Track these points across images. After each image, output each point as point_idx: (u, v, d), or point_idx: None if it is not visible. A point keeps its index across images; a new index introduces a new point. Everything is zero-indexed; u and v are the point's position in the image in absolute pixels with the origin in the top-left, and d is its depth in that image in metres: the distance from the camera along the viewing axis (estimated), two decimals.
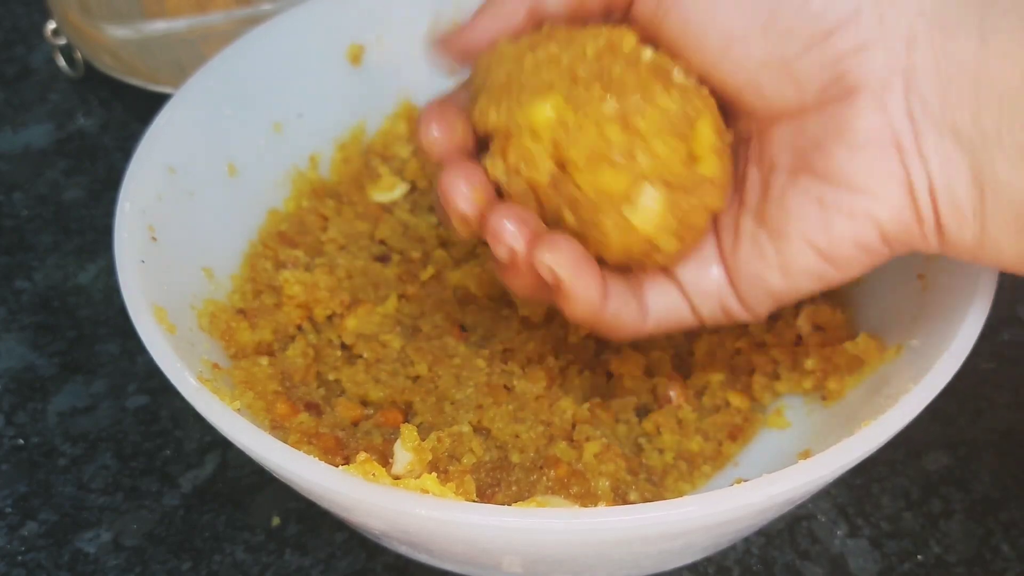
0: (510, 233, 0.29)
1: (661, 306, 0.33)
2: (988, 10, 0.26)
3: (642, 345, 0.41)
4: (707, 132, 0.29)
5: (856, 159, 0.28)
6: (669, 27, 0.29)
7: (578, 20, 0.31)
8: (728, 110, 0.31)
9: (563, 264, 0.29)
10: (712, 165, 0.30)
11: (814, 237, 0.30)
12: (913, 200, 0.28)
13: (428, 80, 0.35)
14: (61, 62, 0.62)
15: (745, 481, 0.27)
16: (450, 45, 0.32)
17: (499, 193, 0.31)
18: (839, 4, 0.27)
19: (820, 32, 0.27)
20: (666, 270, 0.33)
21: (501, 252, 0.30)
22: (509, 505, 0.27)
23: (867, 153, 0.28)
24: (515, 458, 0.36)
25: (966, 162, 0.27)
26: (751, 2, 0.28)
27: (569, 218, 0.30)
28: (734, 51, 0.29)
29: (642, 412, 0.40)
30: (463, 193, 0.30)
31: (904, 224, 0.28)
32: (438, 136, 0.31)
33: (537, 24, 0.32)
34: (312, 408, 0.37)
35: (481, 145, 0.32)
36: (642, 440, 0.39)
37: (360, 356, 0.41)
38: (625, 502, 0.35)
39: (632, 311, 0.32)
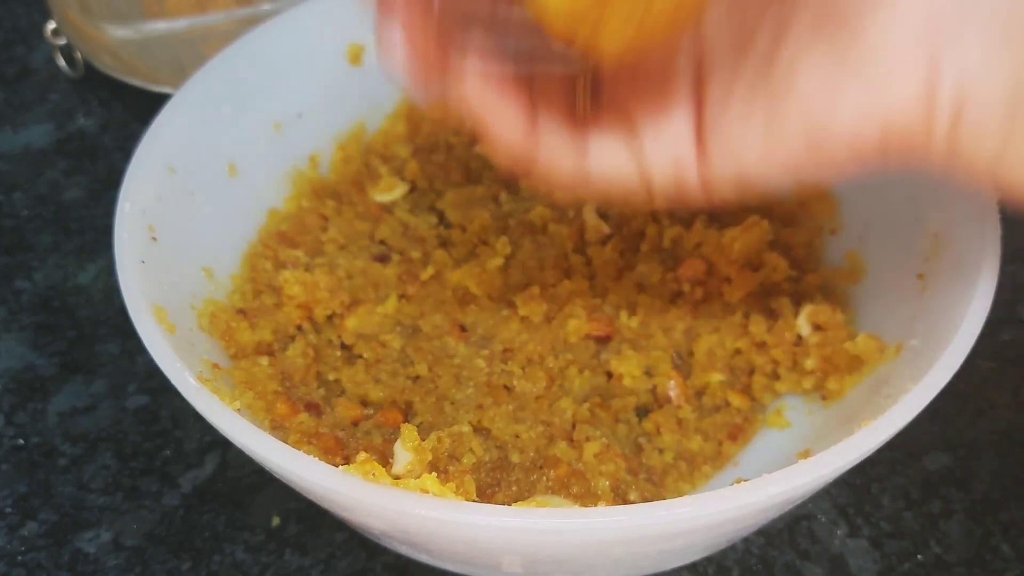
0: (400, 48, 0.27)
1: (606, 161, 0.29)
2: None
3: (642, 345, 0.41)
4: None
5: (886, 23, 0.25)
6: None
7: None
8: None
9: (476, 100, 0.27)
10: None
11: (813, 114, 0.26)
12: (932, 92, 0.25)
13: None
14: (61, 62, 0.62)
15: (745, 481, 0.27)
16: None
17: None
18: None
19: None
20: (617, 121, 0.29)
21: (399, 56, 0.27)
22: (509, 505, 0.27)
23: (900, 21, 0.25)
24: (515, 458, 0.36)
25: (1007, 64, 0.24)
26: None
27: None
28: None
29: (642, 412, 0.40)
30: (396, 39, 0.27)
31: (914, 118, 0.25)
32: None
33: None
34: (312, 408, 0.37)
35: None
36: (642, 440, 0.39)
37: (360, 356, 0.41)
38: (625, 502, 0.35)
39: (569, 160, 0.29)
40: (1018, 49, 0.24)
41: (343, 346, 0.41)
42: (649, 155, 0.29)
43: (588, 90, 0.30)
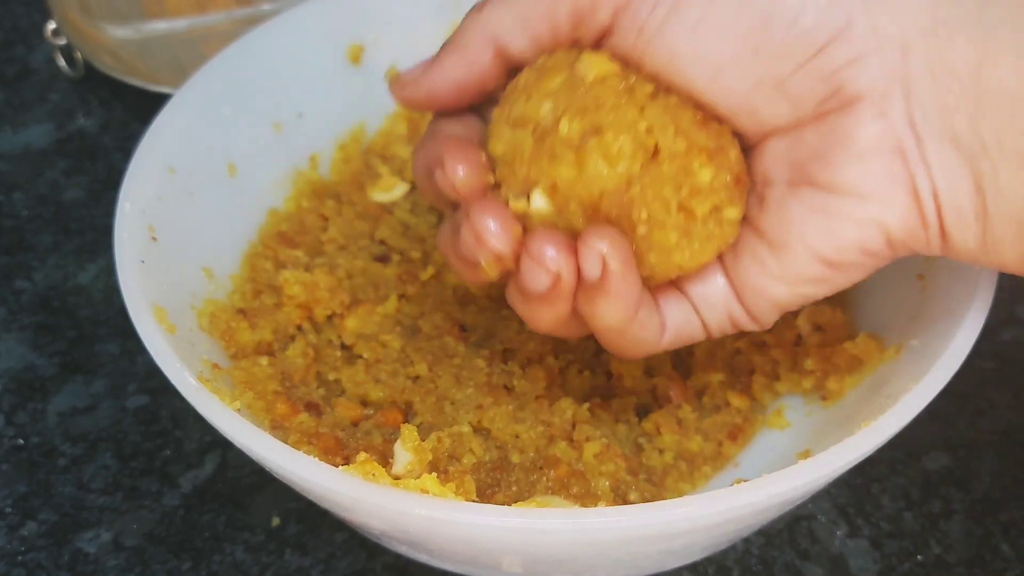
0: (551, 258, 0.29)
1: (676, 321, 0.33)
2: (983, 16, 0.26)
3: None
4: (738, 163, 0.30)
5: (861, 167, 0.28)
6: (652, 58, 0.29)
7: None
8: None
9: (615, 254, 0.28)
10: (739, 204, 0.30)
11: (818, 246, 0.29)
12: (919, 205, 0.28)
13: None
14: (61, 62, 0.62)
15: (745, 481, 0.27)
16: (411, 89, 0.31)
17: None
18: (830, 17, 0.27)
19: (813, 48, 0.27)
20: (677, 285, 0.33)
21: (542, 279, 0.29)
22: (509, 505, 0.27)
23: (872, 160, 0.28)
24: (515, 458, 0.36)
25: (967, 168, 0.27)
26: (738, 26, 0.27)
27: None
28: (724, 77, 0.28)
29: (642, 412, 0.40)
30: (494, 231, 0.29)
31: (910, 229, 0.28)
32: (463, 176, 0.30)
33: (505, 68, 0.31)
34: (312, 408, 0.37)
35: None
36: (642, 440, 0.39)
37: (360, 356, 0.41)
38: (625, 502, 0.35)
39: (655, 325, 0.32)
40: (974, 161, 0.26)
41: (343, 346, 0.41)
42: (703, 310, 0.33)
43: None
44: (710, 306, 0.32)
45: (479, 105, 0.33)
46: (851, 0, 0.27)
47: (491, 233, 0.29)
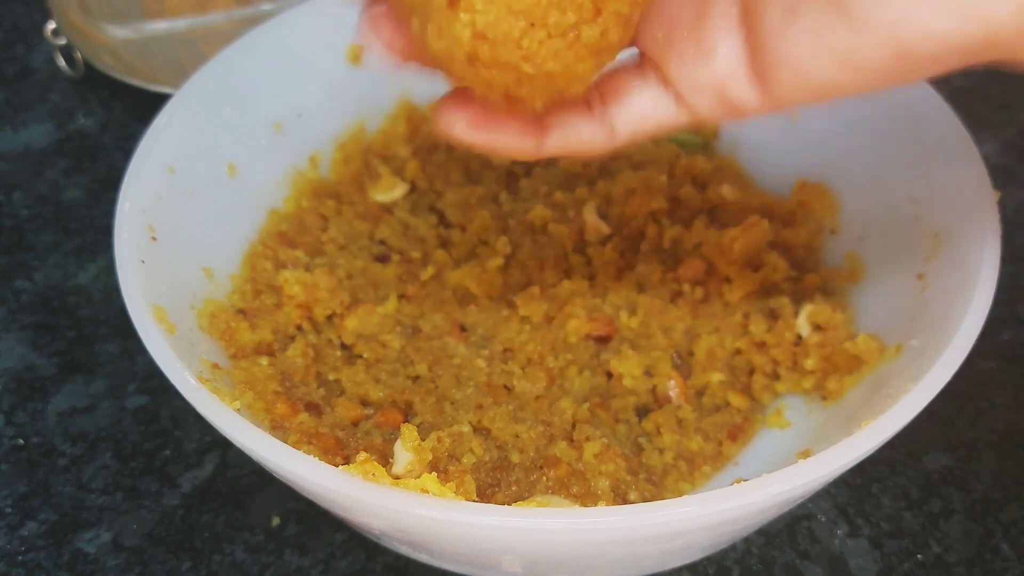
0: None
1: (638, 111, 0.30)
2: None
3: (642, 345, 0.41)
4: None
5: None
6: None
7: None
8: None
9: (464, 134, 0.30)
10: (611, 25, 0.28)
11: (905, 30, 0.25)
12: None
13: (428, 80, 0.35)
14: (61, 62, 0.62)
15: (745, 481, 0.27)
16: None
17: None
18: None
19: None
20: (643, 68, 0.30)
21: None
22: (509, 505, 0.27)
23: None
24: (515, 458, 0.36)
25: None
26: None
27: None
28: None
29: (642, 412, 0.40)
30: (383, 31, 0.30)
31: (1019, 25, 0.24)
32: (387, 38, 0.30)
33: None
34: (312, 408, 0.37)
35: None
36: (642, 440, 0.39)
37: (360, 356, 0.41)
38: (625, 502, 0.35)
39: (588, 134, 0.30)
40: None
41: (343, 346, 0.41)
42: (687, 91, 0.29)
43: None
44: (698, 87, 0.29)
45: None
46: None
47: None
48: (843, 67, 0.26)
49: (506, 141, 0.30)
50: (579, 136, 0.31)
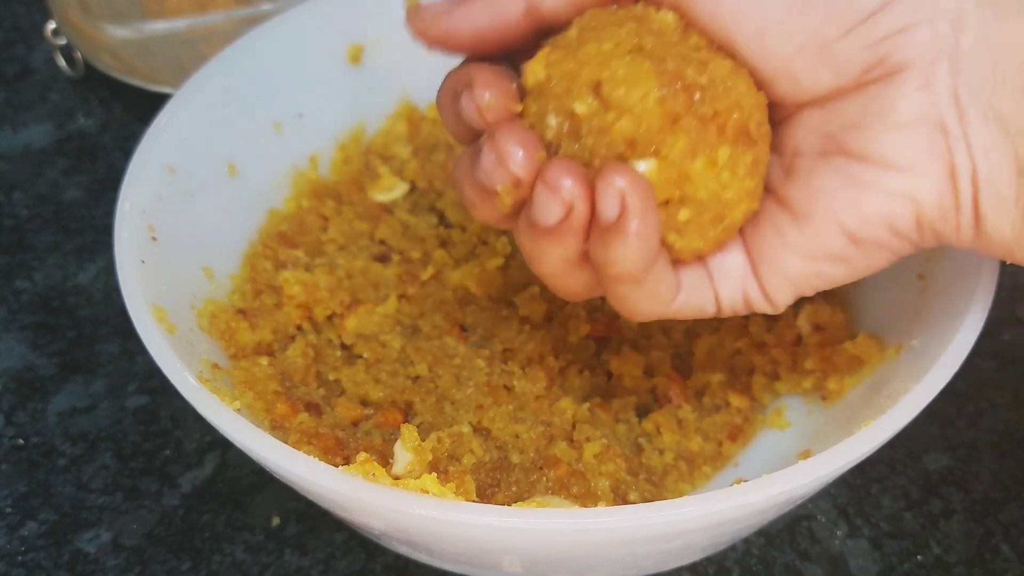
0: (567, 187, 0.27)
1: (690, 287, 0.31)
2: None
3: (642, 345, 0.41)
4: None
5: (899, 138, 0.27)
6: (699, 13, 0.28)
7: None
8: None
9: (635, 191, 0.26)
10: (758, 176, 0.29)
11: (844, 217, 0.28)
12: (955, 185, 0.27)
13: (428, 80, 0.35)
14: (61, 62, 0.62)
15: (745, 481, 0.27)
16: (429, 23, 0.29)
17: None
18: None
19: (863, 12, 0.26)
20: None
21: (554, 208, 0.27)
22: (509, 505, 0.27)
23: (911, 132, 0.27)
24: (515, 458, 0.36)
25: (1010, 150, 0.26)
26: None
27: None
28: (769, 37, 0.27)
29: (642, 412, 0.40)
30: (516, 151, 0.27)
31: (942, 209, 0.27)
32: (491, 98, 0.28)
33: (532, 27, 0.29)
34: (312, 408, 0.37)
35: None
36: (642, 440, 0.39)
37: (360, 356, 0.41)
38: (625, 502, 0.35)
39: (670, 282, 0.30)
40: (1019, 143, 0.26)
41: (343, 346, 0.41)
42: (719, 282, 0.31)
43: None
44: (726, 278, 0.31)
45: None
46: None
47: (513, 154, 0.27)
48: (808, 260, 0.29)
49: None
50: (661, 276, 0.30)
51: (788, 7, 0.27)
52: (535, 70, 0.28)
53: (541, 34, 0.29)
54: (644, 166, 0.27)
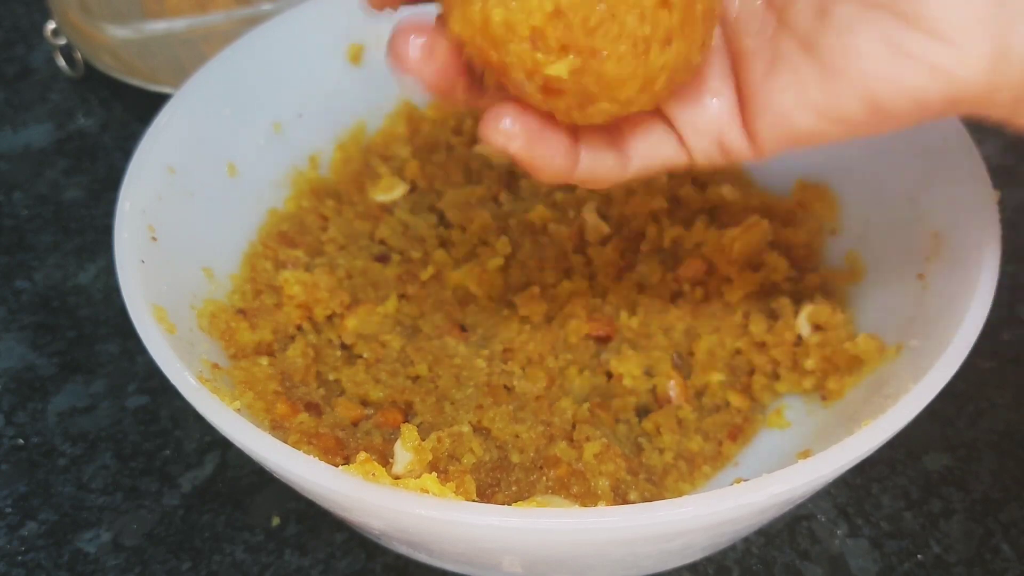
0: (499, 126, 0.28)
1: (644, 149, 0.31)
2: None
3: (642, 345, 0.41)
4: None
5: (949, 10, 0.24)
6: None
7: None
8: None
9: (517, 140, 0.28)
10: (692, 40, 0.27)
11: (875, 83, 0.26)
12: (1001, 66, 0.25)
13: None
14: (61, 62, 0.62)
15: (745, 481, 0.27)
16: None
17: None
18: None
19: None
20: (656, 111, 0.30)
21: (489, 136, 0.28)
22: (509, 505, 0.27)
23: (964, 8, 0.24)
24: (515, 458, 0.36)
25: None
26: None
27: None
28: None
29: (642, 412, 0.40)
30: (414, 48, 0.28)
31: (983, 87, 0.25)
32: (417, 52, 0.28)
33: None
34: (312, 408, 0.37)
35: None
36: (642, 440, 0.39)
37: (360, 356, 0.41)
38: (625, 502, 0.35)
39: (609, 163, 0.30)
40: None
41: (343, 346, 0.41)
42: (687, 134, 0.30)
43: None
44: (697, 129, 0.30)
45: None
46: None
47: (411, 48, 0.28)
48: (820, 118, 0.27)
49: (551, 158, 0.29)
50: (603, 165, 0.31)
51: None
52: None
53: None
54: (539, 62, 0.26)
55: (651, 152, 0.31)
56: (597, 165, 0.30)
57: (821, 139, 0.28)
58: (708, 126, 0.30)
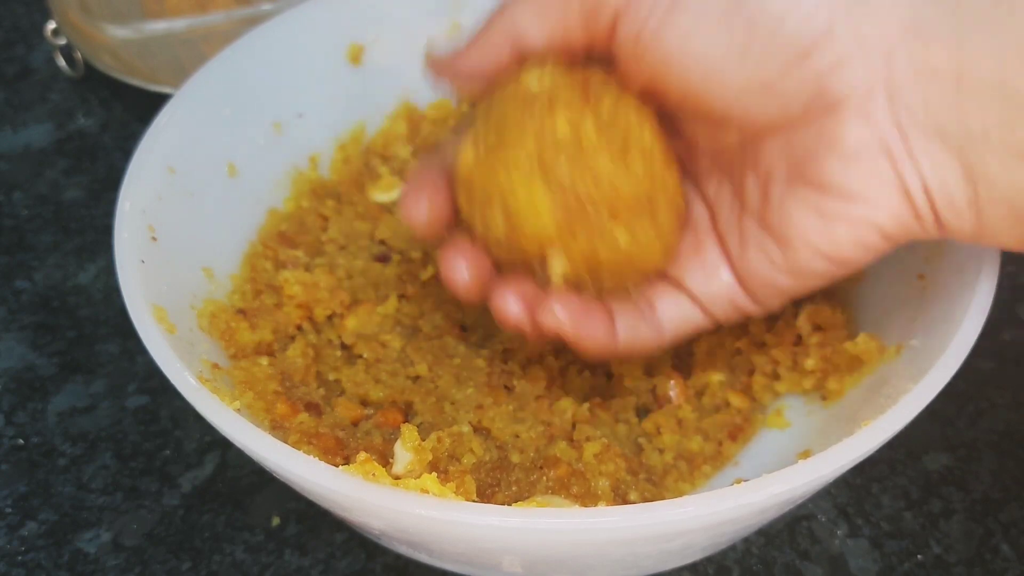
0: (514, 313, 0.33)
1: (675, 316, 0.35)
2: (963, 16, 0.26)
3: None
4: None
5: (848, 169, 0.29)
6: (650, 60, 0.30)
7: (563, 57, 0.32)
8: (719, 123, 0.31)
9: (566, 324, 0.32)
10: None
11: (817, 242, 0.30)
12: (910, 201, 0.29)
13: (428, 80, 0.35)
14: (61, 62, 0.62)
15: (745, 481, 0.27)
16: (444, 70, 0.34)
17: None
18: (812, 24, 0.28)
19: (797, 53, 0.28)
20: (676, 284, 0.35)
21: (508, 326, 0.34)
22: (509, 505, 0.27)
23: (859, 162, 0.28)
24: (515, 458, 0.36)
25: (956, 161, 0.27)
26: (726, 31, 0.28)
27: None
28: (715, 78, 0.29)
29: (642, 412, 0.40)
30: (462, 273, 0.34)
31: (903, 222, 0.29)
32: (425, 215, 0.34)
33: (522, 61, 0.32)
34: (312, 408, 0.37)
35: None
36: (642, 440, 0.39)
37: (360, 356, 0.41)
38: (625, 502, 0.35)
39: (645, 332, 0.34)
40: (963, 153, 0.27)
41: (343, 346, 0.41)
42: (706, 301, 0.34)
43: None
44: (713, 296, 0.34)
45: None
46: (834, 6, 0.28)
47: (459, 274, 0.34)
48: (795, 277, 0.32)
49: (595, 336, 0.33)
50: (640, 335, 0.34)
51: (726, 55, 0.29)
52: (463, 168, 0.32)
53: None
54: (558, 265, 0.32)
55: (681, 317, 0.35)
56: (635, 336, 0.34)
57: (808, 288, 0.32)
58: (721, 294, 0.34)
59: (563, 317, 0.33)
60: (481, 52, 0.33)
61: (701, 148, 0.34)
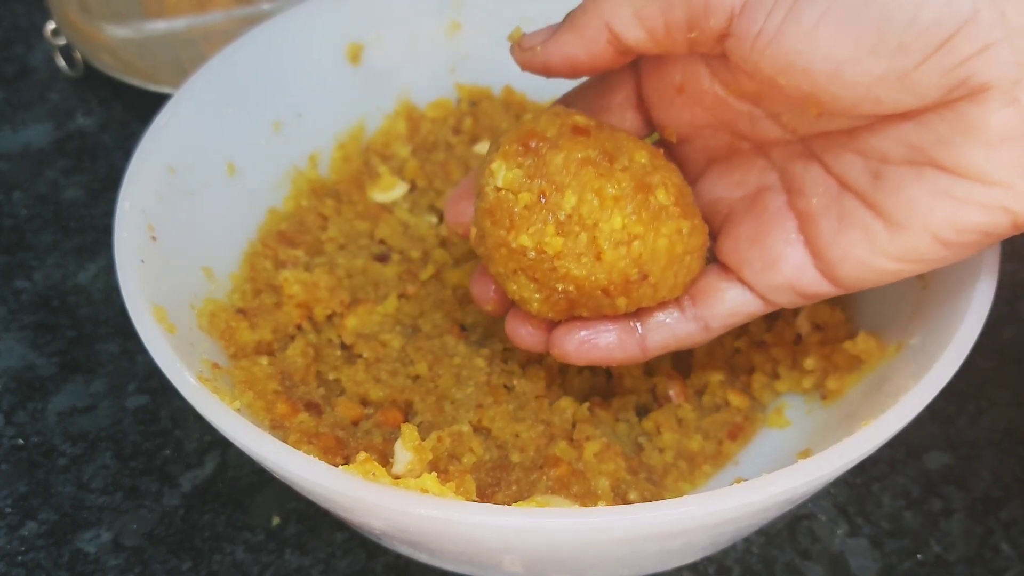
0: (526, 340, 0.36)
1: (726, 311, 0.34)
2: None
3: None
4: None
5: (990, 154, 0.27)
6: (769, 63, 0.29)
7: (662, 55, 0.32)
8: (837, 113, 0.30)
9: (572, 356, 0.34)
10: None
11: (940, 228, 0.29)
12: None
13: (428, 80, 0.35)
14: (61, 62, 0.62)
15: (745, 481, 0.27)
16: (529, 56, 0.33)
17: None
18: (955, 9, 0.26)
19: (936, 42, 0.26)
20: (729, 273, 0.34)
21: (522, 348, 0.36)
22: (509, 505, 0.27)
23: (1001, 148, 0.27)
24: (515, 458, 0.36)
25: None
26: (854, 26, 0.27)
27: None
28: (845, 74, 0.28)
29: (642, 412, 0.40)
30: (488, 292, 0.37)
31: None
32: (487, 300, 0.37)
33: (620, 53, 0.31)
34: (312, 408, 0.37)
35: None
36: (642, 439, 0.39)
37: (360, 356, 0.41)
38: (625, 502, 0.35)
39: (688, 330, 0.34)
40: None
41: (343, 346, 0.41)
42: (765, 291, 0.33)
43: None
44: (774, 287, 0.33)
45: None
46: None
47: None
48: (897, 261, 0.30)
49: (624, 356, 0.34)
50: (675, 334, 0.35)
51: (856, 50, 0.27)
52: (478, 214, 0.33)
53: (629, 56, 0.32)
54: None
55: (731, 311, 0.34)
56: (673, 336, 0.35)
57: (904, 275, 0.31)
58: (780, 282, 0.33)
59: (570, 349, 0.34)
60: (575, 43, 0.31)
61: (789, 132, 0.32)
